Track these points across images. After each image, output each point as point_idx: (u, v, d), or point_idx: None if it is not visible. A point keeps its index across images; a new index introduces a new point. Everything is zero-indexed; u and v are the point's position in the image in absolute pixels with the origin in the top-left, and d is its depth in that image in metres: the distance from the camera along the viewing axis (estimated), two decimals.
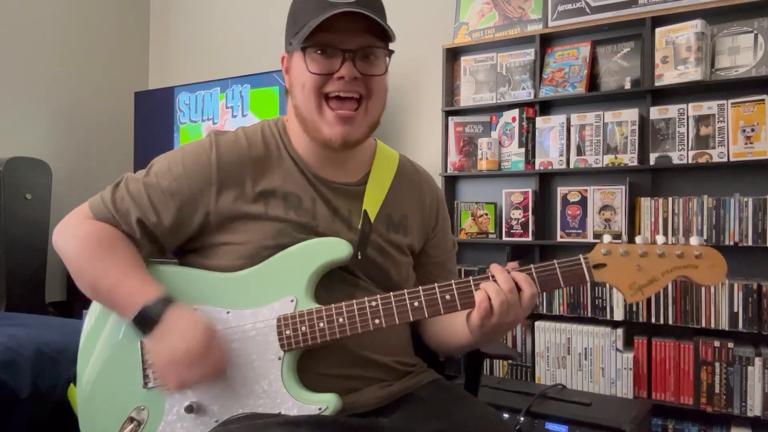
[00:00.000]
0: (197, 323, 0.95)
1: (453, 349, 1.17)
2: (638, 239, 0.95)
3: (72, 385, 1.10)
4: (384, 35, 1.01)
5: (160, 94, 3.55)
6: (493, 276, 0.94)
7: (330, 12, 0.95)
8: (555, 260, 0.96)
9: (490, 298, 0.92)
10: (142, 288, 0.97)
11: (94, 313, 1.08)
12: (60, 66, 3.49)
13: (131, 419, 1.00)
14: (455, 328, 1.07)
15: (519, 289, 0.93)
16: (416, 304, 0.97)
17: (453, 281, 0.97)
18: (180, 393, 0.98)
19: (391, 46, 1.05)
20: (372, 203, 1.09)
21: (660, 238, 0.94)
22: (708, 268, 0.92)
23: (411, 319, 0.97)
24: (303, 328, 0.98)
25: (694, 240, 0.93)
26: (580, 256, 0.95)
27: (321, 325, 0.97)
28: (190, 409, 0.98)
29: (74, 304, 3.32)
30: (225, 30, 3.71)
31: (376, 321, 0.97)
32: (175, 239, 1.06)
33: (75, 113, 3.56)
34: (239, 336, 0.99)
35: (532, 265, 0.96)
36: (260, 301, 1.00)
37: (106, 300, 1.02)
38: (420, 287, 0.97)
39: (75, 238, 1.03)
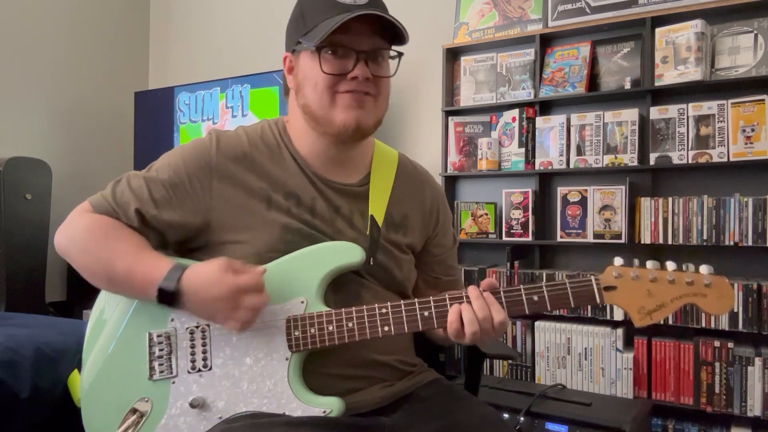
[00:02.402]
0: (211, 270, 0.95)
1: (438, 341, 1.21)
2: (649, 264, 0.96)
3: (75, 371, 1.10)
4: (391, 38, 1.03)
5: (160, 94, 3.55)
6: (467, 298, 0.97)
7: (347, 15, 0.96)
8: (566, 279, 0.97)
9: (462, 322, 0.95)
10: (153, 268, 0.97)
11: (100, 303, 1.08)
12: (60, 66, 3.49)
13: (134, 410, 0.99)
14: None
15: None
16: (426, 314, 0.97)
17: (463, 292, 0.97)
18: (247, 328, 0.98)
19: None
20: (378, 207, 1.10)
21: (671, 265, 0.96)
22: (716, 298, 0.93)
23: (420, 328, 0.98)
24: (312, 331, 0.98)
25: (704, 269, 0.94)
26: (592, 278, 0.96)
27: (330, 328, 0.98)
28: (194, 404, 0.98)
29: (74, 304, 3.33)
30: (225, 30, 3.71)
31: (386, 328, 0.98)
32: (176, 233, 1.06)
33: (75, 113, 3.56)
34: (248, 334, 0.99)
35: (543, 284, 0.97)
36: (270, 300, 1.00)
37: (123, 286, 1.02)
38: (431, 297, 0.98)
39: (78, 233, 1.03)
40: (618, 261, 0.97)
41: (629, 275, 0.95)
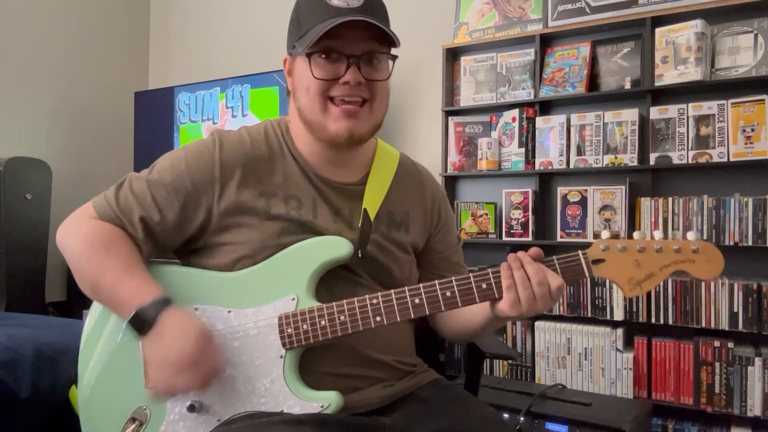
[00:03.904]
0: (191, 328, 0.94)
1: (471, 335, 1.18)
2: (636, 234, 0.96)
3: (74, 386, 1.10)
4: (387, 40, 1.01)
5: (160, 94, 3.55)
6: (522, 265, 0.94)
7: (336, 20, 0.95)
8: (554, 256, 0.97)
9: (517, 289, 0.93)
10: (139, 289, 0.97)
11: (95, 312, 1.08)
12: (60, 66, 3.49)
13: (133, 419, 1.00)
14: (472, 317, 1.09)
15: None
16: (417, 300, 0.97)
17: (453, 278, 0.97)
18: (170, 399, 0.97)
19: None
20: (372, 201, 1.09)
21: (657, 234, 0.95)
22: (705, 263, 0.93)
23: (412, 315, 0.98)
24: (304, 326, 0.98)
25: (691, 235, 0.95)
26: (579, 252, 0.97)
27: (322, 323, 0.97)
28: (192, 408, 0.98)
29: (74, 304, 3.33)
30: (225, 30, 3.71)
31: (377, 318, 0.97)
32: (178, 238, 1.06)
33: (75, 113, 3.56)
34: (241, 335, 0.99)
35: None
36: (261, 300, 1.00)
37: (106, 300, 1.02)
38: (421, 284, 0.98)
39: (77, 238, 1.03)
40: (605, 234, 0.97)
41: (616, 247, 0.95)
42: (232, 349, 0.99)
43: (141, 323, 0.94)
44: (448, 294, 0.97)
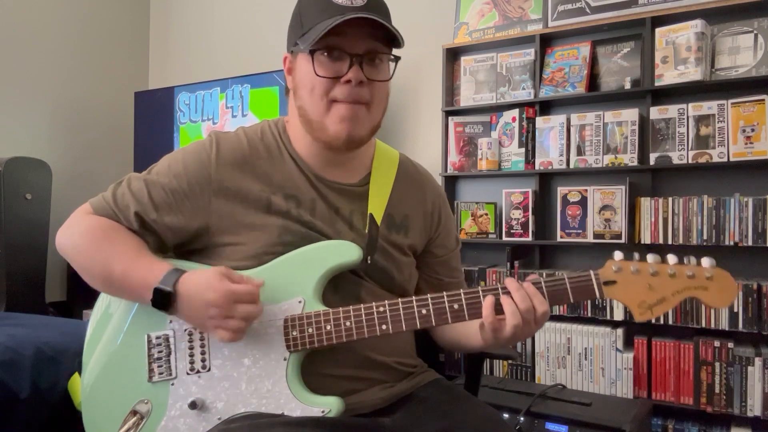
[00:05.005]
0: (207, 276, 0.94)
1: (463, 351, 1.18)
2: (650, 257, 0.94)
3: (76, 374, 1.10)
4: (389, 40, 1.01)
5: (160, 94, 3.55)
6: (507, 291, 0.94)
7: (341, 17, 0.95)
8: (565, 275, 0.95)
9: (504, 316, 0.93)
10: (150, 269, 0.98)
11: (101, 306, 1.08)
12: (60, 66, 3.49)
13: (134, 412, 1.00)
14: (468, 332, 1.09)
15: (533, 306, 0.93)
16: (424, 311, 0.97)
17: (462, 290, 0.97)
18: (239, 339, 0.97)
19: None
20: (377, 206, 1.09)
21: (671, 258, 0.94)
22: (718, 291, 0.92)
23: (418, 326, 0.97)
24: (310, 330, 0.98)
25: (705, 262, 0.93)
26: (591, 272, 0.95)
27: (328, 327, 0.97)
28: (193, 406, 0.98)
29: (74, 304, 3.33)
30: (225, 30, 3.71)
31: (383, 326, 0.97)
32: (175, 237, 1.06)
33: (75, 113, 3.56)
34: (246, 335, 0.99)
35: (542, 279, 0.95)
36: (268, 300, 1.00)
37: (120, 289, 1.02)
38: (428, 295, 0.97)
39: (78, 235, 1.03)
40: (618, 255, 0.95)
41: (629, 269, 0.94)
42: (237, 348, 0.99)
43: (164, 299, 0.95)
44: (456, 306, 0.96)
